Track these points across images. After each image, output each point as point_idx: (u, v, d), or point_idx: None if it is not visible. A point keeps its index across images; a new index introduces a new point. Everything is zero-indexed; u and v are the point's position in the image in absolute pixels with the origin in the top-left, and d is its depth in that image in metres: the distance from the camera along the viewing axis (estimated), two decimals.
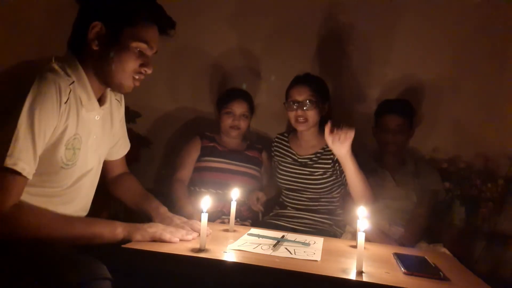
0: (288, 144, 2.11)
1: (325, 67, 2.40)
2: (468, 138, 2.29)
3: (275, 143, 2.17)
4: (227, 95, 2.22)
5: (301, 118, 1.91)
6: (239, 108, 2.15)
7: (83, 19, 1.21)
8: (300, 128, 1.96)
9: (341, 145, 1.66)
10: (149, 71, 1.26)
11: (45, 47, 1.27)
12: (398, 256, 1.27)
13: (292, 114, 1.94)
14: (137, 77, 1.26)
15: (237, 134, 2.18)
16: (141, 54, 1.24)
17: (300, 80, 1.98)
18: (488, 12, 2.24)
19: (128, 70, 1.23)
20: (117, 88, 1.28)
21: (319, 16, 2.39)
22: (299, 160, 2.04)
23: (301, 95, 1.91)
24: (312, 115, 1.92)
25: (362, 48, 2.37)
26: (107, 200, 1.80)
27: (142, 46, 1.23)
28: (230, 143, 2.22)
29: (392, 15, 2.33)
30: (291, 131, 2.16)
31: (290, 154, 2.08)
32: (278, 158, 2.11)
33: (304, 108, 1.90)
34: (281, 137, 2.17)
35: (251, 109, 2.22)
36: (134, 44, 1.22)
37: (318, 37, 2.40)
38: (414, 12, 2.32)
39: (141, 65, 1.24)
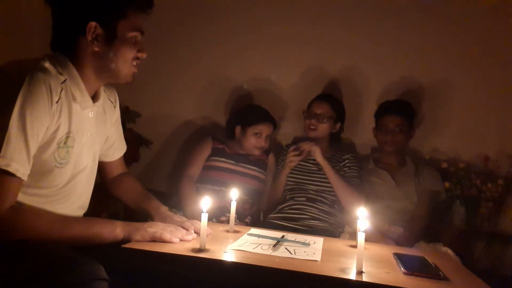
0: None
1: (331, 73, 2.43)
2: (468, 138, 2.29)
3: (285, 151, 2.26)
4: (255, 115, 2.21)
5: (313, 126, 2.13)
6: (267, 130, 2.20)
7: (73, 21, 1.20)
8: (310, 134, 2.16)
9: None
10: (144, 56, 1.29)
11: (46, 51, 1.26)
12: (398, 256, 1.27)
13: (307, 122, 2.17)
14: (135, 63, 1.29)
15: (259, 152, 2.22)
16: (135, 41, 1.26)
17: (323, 97, 2.22)
18: (487, 13, 2.24)
19: (129, 60, 1.26)
20: (121, 80, 1.29)
21: (322, 26, 2.42)
22: (309, 161, 2.15)
23: (320, 109, 2.15)
24: (323, 127, 2.14)
25: (365, 54, 2.38)
26: (107, 200, 1.80)
27: (137, 34, 1.26)
28: (240, 148, 2.25)
29: (392, 18, 2.34)
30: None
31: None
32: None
33: (318, 120, 2.12)
34: (290, 144, 2.31)
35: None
36: (130, 35, 1.24)
37: (325, 44, 2.42)
38: (413, 14, 2.32)
39: (138, 51, 1.27)
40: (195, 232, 1.29)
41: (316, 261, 1.16)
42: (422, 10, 2.31)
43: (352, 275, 1.06)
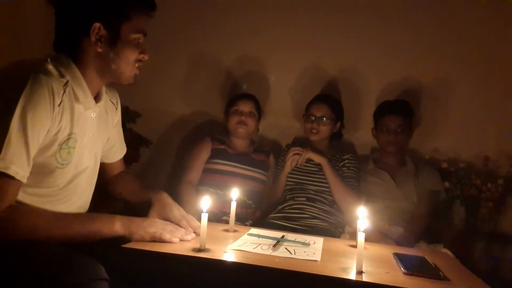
0: None
1: (329, 73, 2.43)
2: (468, 138, 2.29)
3: (285, 152, 2.25)
4: (234, 97, 2.27)
5: (314, 130, 2.13)
6: (245, 106, 2.19)
7: (77, 22, 1.20)
8: (312, 138, 2.17)
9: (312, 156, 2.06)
10: (147, 57, 1.30)
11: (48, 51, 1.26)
12: (398, 256, 1.27)
13: (308, 126, 2.17)
14: (137, 65, 1.29)
15: (244, 131, 2.19)
16: (138, 43, 1.27)
17: (321, 99, 2.21)
18: (487, 13, 2.24)
19: (131, 61, 1.27)
20: (123, 81, 1.29)
21: (322, 26, 2.42)
22: (309, 161, 2.14)
23: (319, 111, 2.15)
24: (324, 129, 2.14)
25: (364, 54, 2.38)
26: (107, 199, 1.80)
27: (140, 36, 1.27)
28: (239, 146, 2.24)
29: (391, 18, 2.34)
30: (301, 143, 2.26)
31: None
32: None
33: (319, 123, 2.11)
34: (290, 144, 2.32)
35: (258, 109, 2.25)
36: (133, 36, 1.24)
37: (323, 44, 2.42)
38: (412, 14, 2.33)
39: (140, 53, 1.28)
40: (194, 232, 1.29)
41: (316, 261, 1.16)
42: (421, 10, 2.31)
43: (352, 275, 1.06)
